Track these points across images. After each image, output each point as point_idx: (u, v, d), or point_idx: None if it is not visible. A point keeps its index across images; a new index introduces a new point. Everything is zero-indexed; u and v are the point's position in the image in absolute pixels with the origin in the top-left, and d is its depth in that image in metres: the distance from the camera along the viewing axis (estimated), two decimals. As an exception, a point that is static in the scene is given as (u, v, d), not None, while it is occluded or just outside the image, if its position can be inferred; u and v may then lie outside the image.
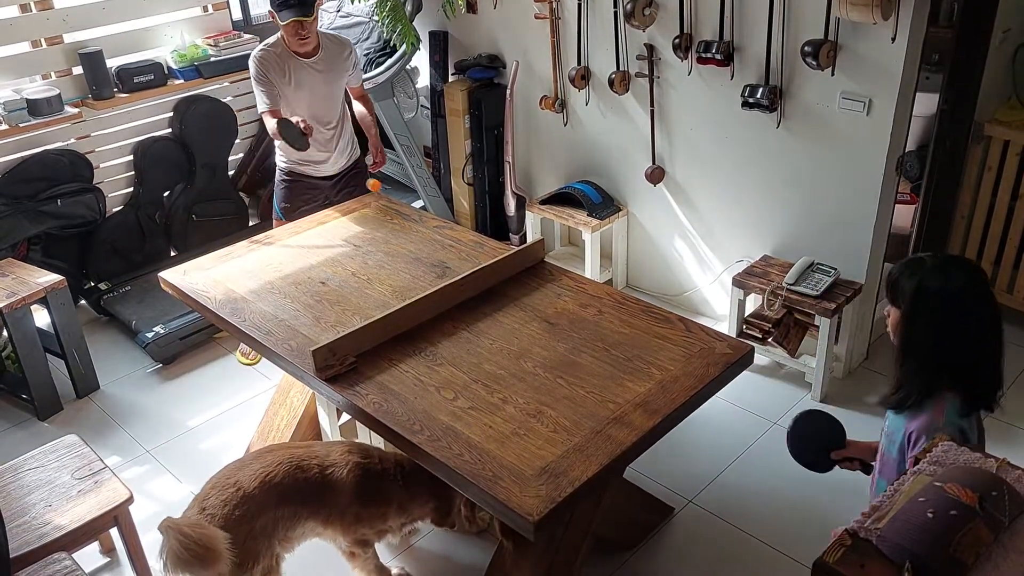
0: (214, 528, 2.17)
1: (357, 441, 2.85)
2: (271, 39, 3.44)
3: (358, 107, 3.74)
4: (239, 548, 2.23)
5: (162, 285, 3.01)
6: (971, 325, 1.75)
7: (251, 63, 3.39)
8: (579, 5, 3.86)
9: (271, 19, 3.35)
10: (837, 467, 2.17)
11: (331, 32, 3.58)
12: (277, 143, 3.53)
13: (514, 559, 2.41)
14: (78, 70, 4.06)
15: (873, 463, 2.08)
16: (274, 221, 3.67)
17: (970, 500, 1.45)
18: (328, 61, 3.47)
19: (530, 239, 4.35)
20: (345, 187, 3.69)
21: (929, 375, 1.78)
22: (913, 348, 1.79)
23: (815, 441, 2.17)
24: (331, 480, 2.43)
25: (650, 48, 3.71)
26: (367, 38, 4.43)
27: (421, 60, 4.71)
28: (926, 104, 3.68)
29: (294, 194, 3.63)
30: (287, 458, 2.42)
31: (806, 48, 3.16)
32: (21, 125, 3.80)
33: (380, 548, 2.71)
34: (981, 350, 1.77)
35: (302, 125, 3.19)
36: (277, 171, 3.67)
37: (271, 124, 3.29)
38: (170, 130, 4.44)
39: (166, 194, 4.50)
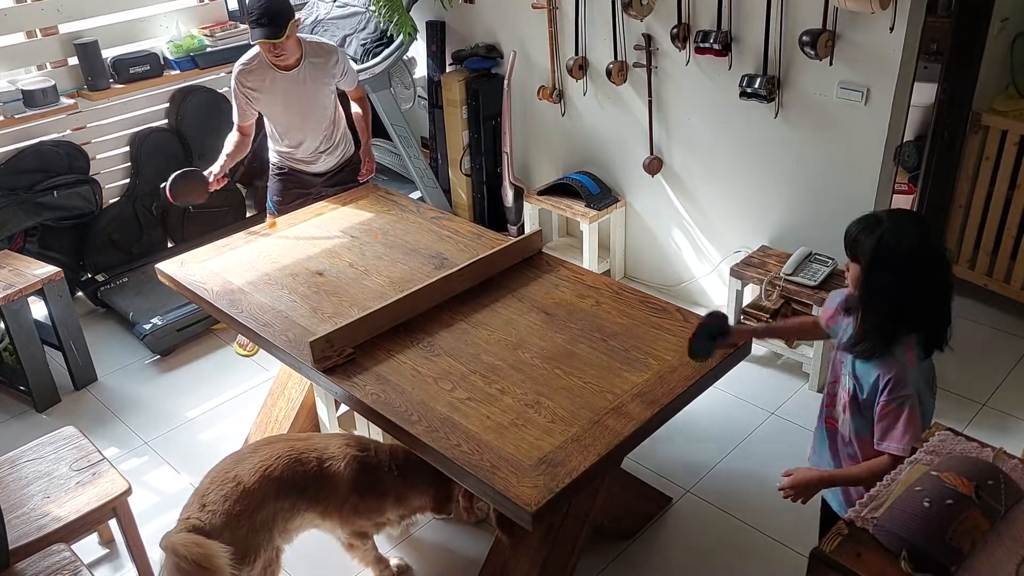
0: (212, 544, 2.14)
1: (355, 434, 2.85)
2: (253, 50, 3.35)
3: (355, 108, 3.67)
4: (241, 543, 2.23)
5: (159, 277, 3.01)
6: (928, 275, 1.86)
7: (232, 78, 3.36)
8: (576, -5, 3.85)
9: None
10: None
11: (315, 40, 3.47)
12: (270, 140, 3.56)
13: (512, 549, 2.42)
14: (73, 61, 4.04)
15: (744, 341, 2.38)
16: (267, 215, 3.66)
17: (967, 489, 1.46)
18: (311, 72, 3.37)
19: (528, 230, 4.34)
20: (338, 183, 3.68)
21: (893, 323, 1.89)
22: (876, 300, 1.91)
23: (707, 333, 2.29)
24: (329, 473, 2.43)
25: (648, 38, 3.70)
26: (364, 28, 4.41)
27: (418, 50, 4.69)
28: (924, 94, 3.68)
29: (287, 188, 3.63)
30: (286, 451, 2.42)
31: (804, 38, 3.15)
32: (16, 116, 3.79)
33: (379, 538, 2.72)
34: (937, 296, 1.90)
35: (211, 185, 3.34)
36: (271, 165, 3.67)
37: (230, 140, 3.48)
38: (166, 121, 4.43)
39: (163, 185, 4.48)
